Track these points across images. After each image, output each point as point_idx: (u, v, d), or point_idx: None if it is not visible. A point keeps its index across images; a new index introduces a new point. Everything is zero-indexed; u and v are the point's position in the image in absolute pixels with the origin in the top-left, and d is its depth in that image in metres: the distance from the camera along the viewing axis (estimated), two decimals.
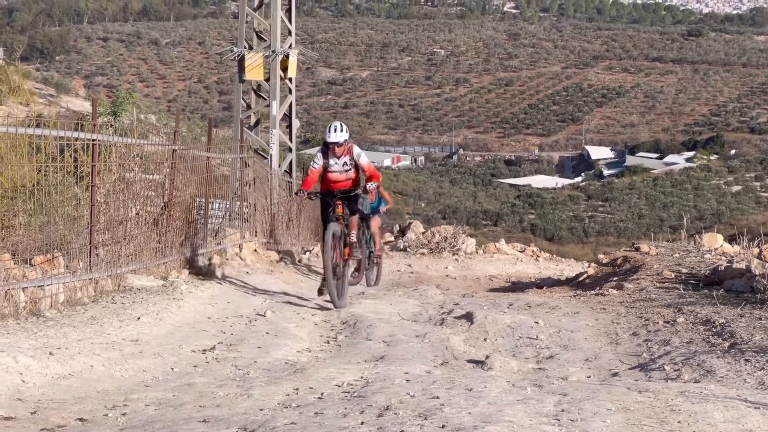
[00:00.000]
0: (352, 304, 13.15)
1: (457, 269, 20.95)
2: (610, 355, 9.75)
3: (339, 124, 13.02)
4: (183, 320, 10.63)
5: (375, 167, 13.64)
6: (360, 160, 13.20)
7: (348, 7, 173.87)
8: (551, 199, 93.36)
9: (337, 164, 13.17)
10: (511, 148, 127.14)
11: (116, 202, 11.70)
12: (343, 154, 13.11)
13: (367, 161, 13.31)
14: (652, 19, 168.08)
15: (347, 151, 13.14)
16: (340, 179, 13.26)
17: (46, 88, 68.62)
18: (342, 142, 12.93)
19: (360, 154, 13.25)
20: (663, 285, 14.11)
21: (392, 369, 8.44)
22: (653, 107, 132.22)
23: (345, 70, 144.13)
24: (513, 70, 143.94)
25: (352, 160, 13.20)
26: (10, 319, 9.06)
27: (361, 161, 13.21)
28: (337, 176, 13.24)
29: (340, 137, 12.89)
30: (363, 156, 13.30)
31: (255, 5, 27.83)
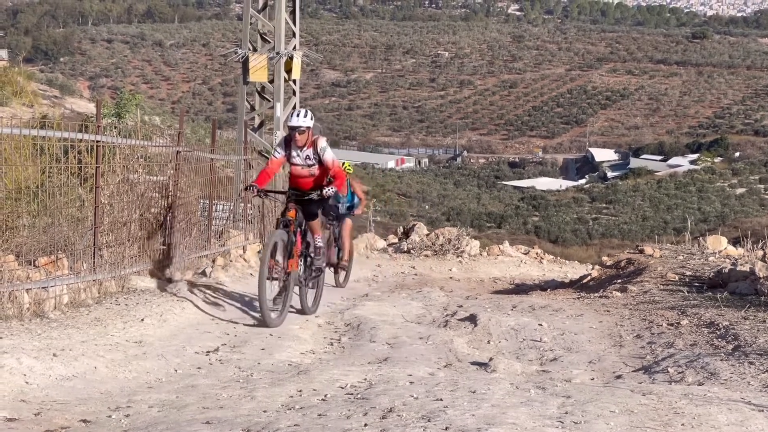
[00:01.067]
0: (356, 306, 13.14)
1: (460, 271, 20.94)
2: (613, 358, 9.74)
3: (304, 110, 11.70)
4: (187, 322, 10.64)
5: (342, 167, 12.23)
6: (324, 155, 11.69)
7: (352, 9, 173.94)
8: (555, 201, 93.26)
9: (299, 156, 11.72)
10: (515, 150, 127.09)
11: (120, 203, 11.71)
12: (306, 146, 11.66)
13: (332, 158, 11.77)
14: (656, 22, 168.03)
15: (311, 142, 11.67)
16: (302, 174, 11.83)
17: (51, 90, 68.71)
18: (304, 128, 11.48)
19: (325, 149, 11.72)
20: (667, 287, 14.10)
21: (396, 371, 8.44)
22: (657, 109, 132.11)
23: (349, 72, 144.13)
24: (517, 72, 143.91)
25: (316, 154, 11.70)
26: (14, 320, 9.07)
27: (326, 157, 11.70)
28: (299, 171, 11.83)
29: (303, 122, 11.47)
30: (329, 151, 11.79)
31: (259, 7, 27.86)
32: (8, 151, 9.91)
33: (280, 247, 11.29)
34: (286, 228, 11.39)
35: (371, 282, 18.65)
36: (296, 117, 11.49)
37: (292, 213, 11.52)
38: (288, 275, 11.42)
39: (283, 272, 11.34)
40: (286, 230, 11.38)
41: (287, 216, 11.51)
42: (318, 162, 11.71)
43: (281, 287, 11.37)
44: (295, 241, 11.55)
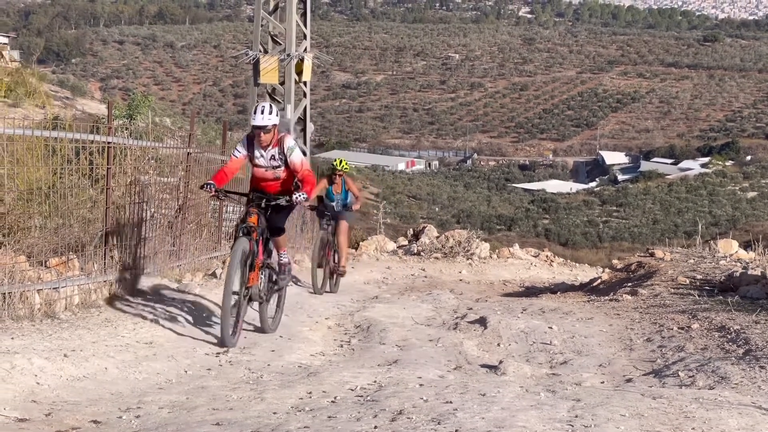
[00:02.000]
0: (366, 308, 13.15)
1: (470, 274, 20.93)
2: (624, 361, 9.73)
3: (268, 105, 10.34)
4: (196, 323, 10.64)
5: (311, 171, 10.79)
6: (292, 156, 10.38)
7: (363, 11, 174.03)
8: (565, 204, 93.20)
9: (263, 157, 10.43)
10: (525, 153, 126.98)
11: (131, 204, 11.73)
12: (271, 145, 10.35)
13: (300, 159, 10.49)
14: (667, 25, 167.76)
15: (276, 142, 10.36)
16: (267, 177, 10.52)
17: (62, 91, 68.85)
18: (269, 126, 10.18)
19: (293, 149, 10.42)
20: (677, 291, 14.07)
21: (406, 373, 8.44)
22: (668, 113, 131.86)
23: (360, 74, 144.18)
24: (528, 74, 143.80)
25: (282, 154, 10.40)
26: (25, 320, 9.09)
27: (293, 158, 10.39)
28: (262, 173, 10.51)
29: (267, 120, 10.16)
30: (297, 152, 10.52)
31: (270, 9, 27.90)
32: (20, 152, 9.94)
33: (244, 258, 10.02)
34: (247, 235, 10.04)
35: (381, 284, 18.66)
36: (260, 115, 10.19)
37: (253, 219, 10.13)
38: (248, 290, 10.15)
39: (243, 286, 10.04)
40: (248, 238, 10.03)
41: (248, 222, 10.12)
42: (284, 163, 10.45)
43: (236, 302, 10.02)
44: (257, 251, 10.21)
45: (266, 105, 10.29)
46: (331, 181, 16.40)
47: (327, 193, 16.38)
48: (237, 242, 9.96)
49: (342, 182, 16.40)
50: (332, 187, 16.38)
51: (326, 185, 16.34)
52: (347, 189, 16.46)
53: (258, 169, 10.53)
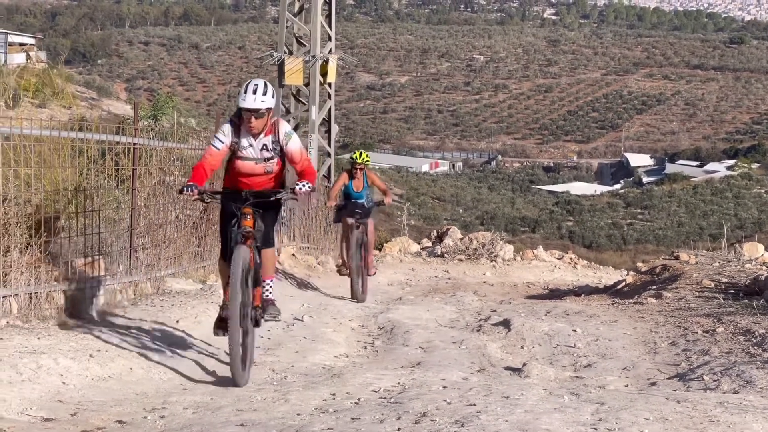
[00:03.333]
0: (389, 310, 13.16)
1: (494, 276, 20.92)
2: (648, 364, 9.70)
3: (263, 83, 8.35)
4: None
5: (310, 160, 8.87)
6: (290, 144, 8.49)
7: (388, 12, 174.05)
8: (590, 206, 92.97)
9: (252, 147, 8.48)
10: (549, 155, 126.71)
11: (156, 205, 11.78)
12: (264, 132, 8.46)
13: (299, 147, 8.58)
14: (693, 27, 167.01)
15: (270, 128, 8.49)
16: (255, 172, 8.55)
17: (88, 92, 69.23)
18: (263, 110, 8.28)
19: (290, 135, 8.54)
20: (702, 294, 14.02)
21: (429, 375, 8.45)
22: (694, 115, 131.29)
23: (384, 75, 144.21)
24: (552, 76, 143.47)
25: (278, 143, 8.51)
26: (51, 321, 9.15)
27: (291, 146, 8.49)
28: (250, 167, 8.53)
29: (261, 102, 8.24)
30: (295, 139, 8.60)
31: (295, 10, 27.97)
32: (47, 152, 10.01)
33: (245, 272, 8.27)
34: (245, 243, 8.30)
35: (405, 285, 18.68)
36: (252, 95, 8.26)
37: (249, 222, 8.36)
38: (255, 310, 8.49)
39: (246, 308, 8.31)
40: (247, 247, 8.30)
41: (245, 226, 8.33)
42: (279, 154, 8.57)
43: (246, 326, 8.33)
44: (261, 260, 8.61)
45: (260, 82, 8.33)
46: (352, 175, 15.18)
47: (347, 190, 15.21)
48: (236, 252, 8.13)
49: (363, 177, 15.24)
50: (352, 182, 15.19)
51: (346, 181, 15.20)
52: (370, 183, 15.37)
53: (243, 162, 8.54)
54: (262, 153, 8.53)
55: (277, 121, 8.62)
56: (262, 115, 8.36)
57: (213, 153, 8.52)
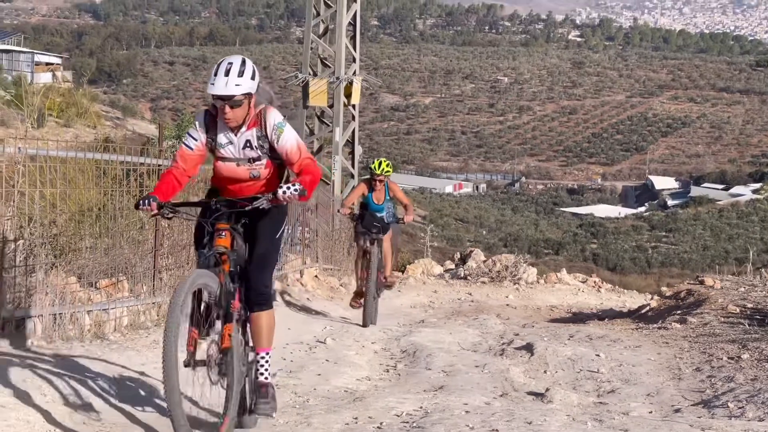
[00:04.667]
0: (412, 333, 13.12)
1: (517, 299, 20.85)
2: (672, 391, 9.63)
3: (239, 60, 6.56)
4: None
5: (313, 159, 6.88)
6: (281, 140, 6.66)
7: (412, 33, 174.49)
8: (614, 229, 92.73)
9: (232, 145, 6.72)
10: (573, 177, 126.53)
11: (180, 226, 11.81)
12: (246, 126, 6.68)
13: (295, 143, 6.69)
14: (719, 49, 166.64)
15: (254, 119, 6.70)
16: (239, 177, 6.78)
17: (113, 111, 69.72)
18: (238, 96, 6.48)
19: (281, 128, 6.68)
20: (727, 320, 13.92)
21: (451, 399, 8.41)
22: (719, 138, 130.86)
23: (408, 97, 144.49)
24: (577, 98, 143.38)
25: (265, 138, 6.70)
26: (75, 341, 9.17)
27: (283, 142, 6.66)
28: (232, 170, 6.76)
29: (236, 87, 6.44)
30: (287, 133, 6.70)
31: (320, 32, 28.09)
32: (72, 173, 10.06)
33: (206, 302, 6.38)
34: (216, 267, 6.44)
35: (427, 308, 18.63)
36: (223, 77, 6.43)
37: (225, 240, 6.54)
38: (224, 355, 6.47)
39: (216, 350, 6.44)
40: (215, 270, 6.42)
41: (218, 245, 6.52)
42: (269, 153, 6.75)
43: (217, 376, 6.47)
44: (234, 288, 6.59)
45: (235, 59, 6.57)
46: (371, 187, 13.96)
47: (367, 201, 14.03)
48: (191, 277, 6.20)
49: (385, 188, 14.01)
50: (372, 194, 13.96)
51: (365, 192, 14.00)
52: (392, 196, 14.08)
53: (223, 164, 6.78)
54: (244, 152, 6.71)
55: (264, 110, 6.72)
56: (239, 102, 6.49)
57: (184, 155, 6.71)
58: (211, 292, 6.32)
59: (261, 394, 6.84)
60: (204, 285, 6.22)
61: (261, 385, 6.87)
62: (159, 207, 6.51)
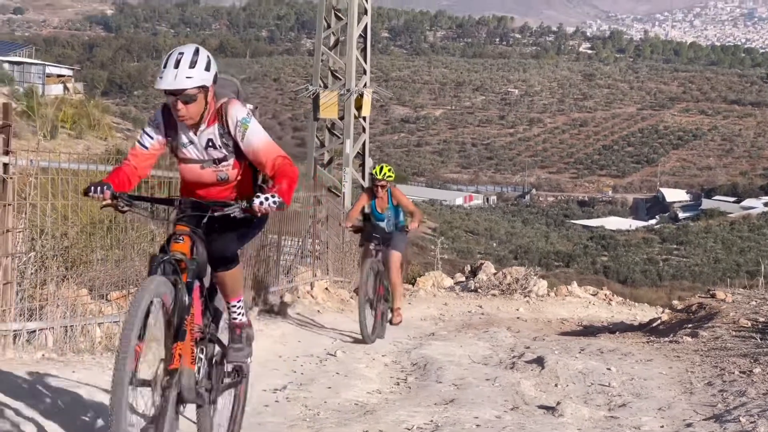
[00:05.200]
0: (422, 346, 13.10)
1: (528, 311, 20.81)
2: (684, 405, 9.59)
3: (191, 50, 5.83)
4: (254, 359, 10.63)
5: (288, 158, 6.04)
6: (246, 137, 5.98)
7: (423, 45, 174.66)
8: (625, 241, 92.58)
9: (194, 145, 6.07)
10: (584, 189, 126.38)
11: None
12: (206, 122, 6.00)
13: (263, 140, 6.00)
14: (730, 61, 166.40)
15: (214, 115, 6.01)
16: (203, 180, 6.15)
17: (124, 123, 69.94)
18: (190, 90, 5.77)
19: (245, 124, 5.98)
20: (739, 334, 13.87)
21: (462, 413, 8.40)
22: (731, 150, 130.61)
23: (418, 109, 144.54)
24: (588, 110, 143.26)
25: (228, 135, 6.02)
26: (86, 354, 9.18)
27: (249, 139, 5.98)
28: (195, 172, 6.13)
29: (187, 80, 5.72)
30: (253, 128, 6.00)
31: (331, 44, 28.13)
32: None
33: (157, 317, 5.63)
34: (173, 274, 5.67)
35: (438, 321, 18.61)
36: (173, 69, 5.75)
37: (183, 245, 5.80)
38: (171, 376, 5.66)
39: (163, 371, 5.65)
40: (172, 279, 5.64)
41: (174, 250, 5.79)
42: (234, 152, 6.08)
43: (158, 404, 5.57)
44: (189, 302, 5.75)
45: (187, 49, 5.85)
46: (374, 194, 13.35)
47: (372, 211, 13.46)
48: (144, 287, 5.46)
49: (388, 195, 13.36)
50: (375, 202, 13.39)
51: (368, 200, 13.47)
52: (395, 204, 13.39)
53: (186, 166, 6.16)
54: (208, 152, 6.05)
55: (226, 104, 6.02)
56: (192, 97, 5.78)
57: (137, 153, 6.06)
58: (167, 304, 5.57)
59: (234, 337, 6.42)
60: (156, 297, 5.48)
61: (235, 326, 6.44)
62: (113, 197, 5.83)
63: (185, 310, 5.69)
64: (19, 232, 8.84)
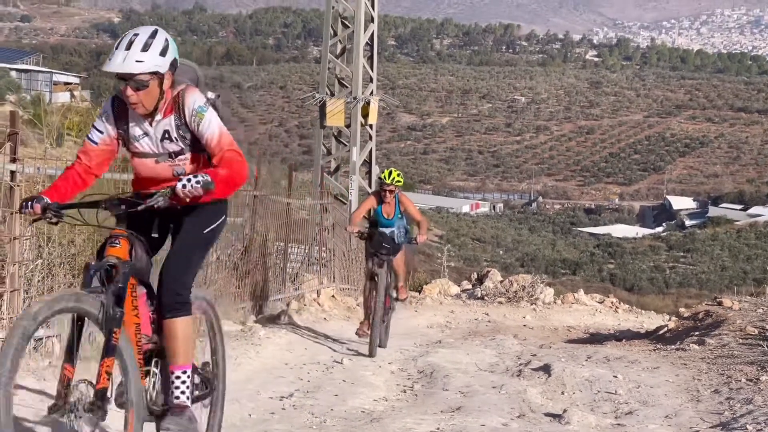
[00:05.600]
0: (429, 353, 13.10)
1: (534, 319, 20.80)
2: (690, 413, 9.58)
3: (146, 33, 5.38)
4: (261, 366, 10.69)
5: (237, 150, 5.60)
6: (201, 126, 5.49)
7: (429, 53, 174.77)
8: (631, 249, 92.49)
9: (148, 137, 5.55)
10: (591, 197, 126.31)
11: None
12: (162, 112, 5.51)
13: (217, 130, 5.52)
14: (737, 69, 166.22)
15: (171, 104, 5.52)
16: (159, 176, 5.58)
17: None
18: (144, 75, 5.32)
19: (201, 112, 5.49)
20: (746, 341, 13.85)
21: (469, 421, 8.39)
22: (738, 158, 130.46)
23: (425, 116, 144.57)
24: (594, 118, 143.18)
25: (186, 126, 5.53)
26: (93, 362, 9.18)
27: (203, 129, 5.49)
28: (150, 167, 5.60)
29: (137, 64, 5.28)
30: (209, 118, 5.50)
31: (337, 52, 28.17)
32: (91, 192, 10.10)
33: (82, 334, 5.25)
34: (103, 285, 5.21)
35: (444, 328, 18.61)
36: (123, 51, 5.29)
37: (119, 249, 5.31)
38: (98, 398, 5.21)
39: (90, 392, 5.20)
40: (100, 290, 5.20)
41: (110, 254, 5.29)
42: (191, 145, 5.57)
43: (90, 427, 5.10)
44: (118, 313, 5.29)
45: (142, 31, 5.39)
46: (381, 199, 12.83)
47: (377, 216, 12.92)
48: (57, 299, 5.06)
49: (396, 201, 12.85)
50: (382, 207, 12.84)
51: (375, 205, 12.89)
52: (403, 210, 12.92)
53: (141, 161, 5.62)
54: (163, 145, 5.53)
55: (183, 92, 5.51)
56: (143, 83, 5.30)
57: (87, 150, 5.56)
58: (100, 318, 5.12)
59: (175, 412, 5.58)
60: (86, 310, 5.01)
61: (177, 406, 5.59)
62: (44, 210, 5.31)
63: (114, 322, 5.23)
64: (27, 239, 8.86)
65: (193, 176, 5.22)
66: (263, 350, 11.33)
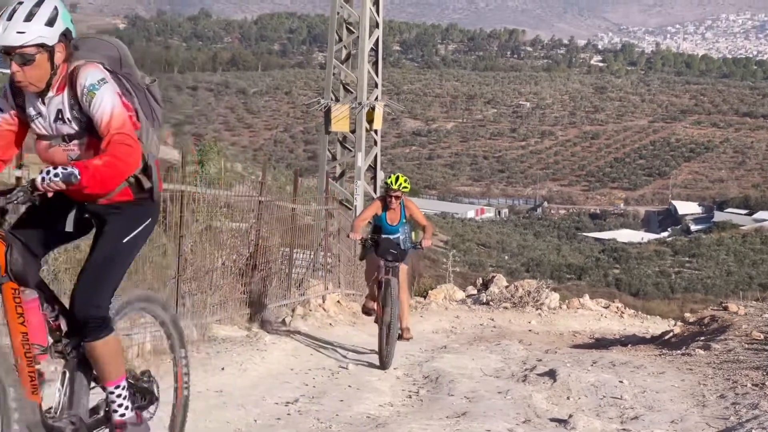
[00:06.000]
0: (434, 359, 13.10)
1: (540, 324, 20.79)
2: (696, 418, 9.57)
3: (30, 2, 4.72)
4: (267, 371, 10.69)
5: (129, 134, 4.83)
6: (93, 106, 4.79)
7: (434, 58, 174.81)
8: (637, 254, 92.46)
9: (42, 117, 4.92)
10: (596, 202, 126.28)
11: (203, 251, 11.85)
12: (54, 89, 4.87)
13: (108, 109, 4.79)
14: (742, 74, 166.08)
15: (63, 81, 4.87)
16: (57, 161, 4.85)
17: None
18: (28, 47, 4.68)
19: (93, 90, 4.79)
20: (752, 346, 13.84)
21: (474, 426, 8.39)
22: (743, 163, 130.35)
23: (430, 122, 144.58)
24: (599, 123, 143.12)
25: (77, 104, 4.86)
26: None
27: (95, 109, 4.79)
28: (45, 150, 4.98)
29: (18, 35, 4.64)
30: (102, 95, 4.79)
31: (342, 57, 28.17)
32: None
33: None
34: None
35: (449, 334, 18.60)
36: (4, 22, 4.65)
37: None
38: None
39: None
40: None
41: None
42: (85, 126, 4.87)
43: None
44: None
45: (25, 0, 4.70)
46: (386, 204, 12.49)
47: (380, 222, 12.61)
48: None
49: (401, 207, 12.50)
50: (386, 213, 12.49)
51: (379, 210, 12.55)
52: (408, 216, 12.55)
53: (40, 143, 5.01)
54: (56, 126, 4.91)
55: (79, 68, 4.86)
56: (29, 58, 4.68)
57: None
58: None
59: (126, 427, 5.18)
60: None
61: (117, 425, 5.15)
62: None
63: None
64: None
65: (53, 168, 4.55)
66: (269, 356, 11.33)
